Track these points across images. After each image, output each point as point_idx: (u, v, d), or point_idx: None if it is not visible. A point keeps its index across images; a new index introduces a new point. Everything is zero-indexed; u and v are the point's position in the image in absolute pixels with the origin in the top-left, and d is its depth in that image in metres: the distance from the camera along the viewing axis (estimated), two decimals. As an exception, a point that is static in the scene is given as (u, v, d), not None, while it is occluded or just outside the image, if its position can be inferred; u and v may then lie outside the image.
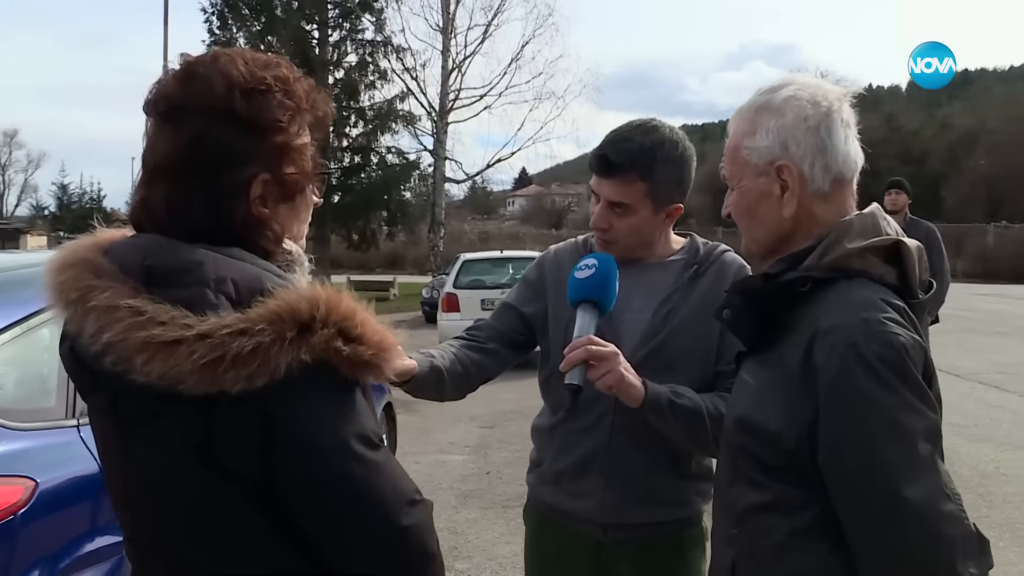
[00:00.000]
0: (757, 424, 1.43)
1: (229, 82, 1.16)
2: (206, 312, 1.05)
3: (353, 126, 31.58)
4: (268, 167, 1.19)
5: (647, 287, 2.09)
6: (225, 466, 1.09)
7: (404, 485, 1.16)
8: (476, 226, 54.98)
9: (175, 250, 1.13)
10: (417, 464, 7.06)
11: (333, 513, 1.11)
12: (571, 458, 2.10)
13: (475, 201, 65.96)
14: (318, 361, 1.07)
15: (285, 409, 1.07)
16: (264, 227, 1.21)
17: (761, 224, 1.53)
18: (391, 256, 44.81)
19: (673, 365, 2.01)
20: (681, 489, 2.10)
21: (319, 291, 1.10)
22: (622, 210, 2.02)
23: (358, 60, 31.19)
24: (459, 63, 31.13)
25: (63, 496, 2.39)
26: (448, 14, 30.47)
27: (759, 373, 1.48)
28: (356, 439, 1.10)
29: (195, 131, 1.15)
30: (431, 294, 19.72)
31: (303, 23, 30.40)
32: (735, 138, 1.54)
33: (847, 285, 1.39)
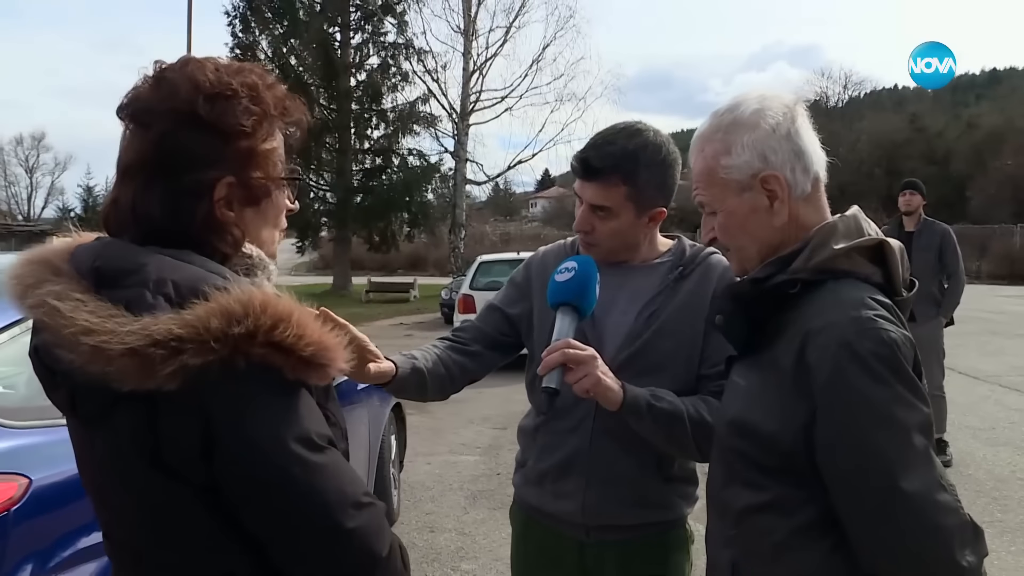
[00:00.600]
0: (751, 426, 1.45)
1: (195, 86, 1.19)
2: (142, 313, 1.07)
3: (375, 128, 31.84)
4: (232, 170, 1.21)
5: (632, 289, 2.09)
6: (171, 466, 1.11)
7: (350, 488, 1.15)
8: (498, 228, 55.03)
9: (123, 252, 1.16)
10: (428, 465, 7.09)
11: (274, 515, 1.12)
12: (553, 459, 2.10)
13: (497, 203, 66.12)
14: (256, 363, 1.08)
15: (223, 410, 1.08)
16: (224, 230, 1.22)
17: (754, 239, 1.53)
18: (412, 257, 44.96)
19: (656, 367, 2.00)
20: (664, 492, 2.09)
21: (253, 293, 1.11)
22: (604, 213, 2.01)
23: (380, 62, 31.49)
24: (480, 65, 31.16)
25: (57, 493, 2.41)
26: (469, 16, 30.49)
27: (750, 376, 1.50)
28: (296, 441, 1.11)
29: (160, 133, 1.18)
30: (450, 295, 19.75)
31: (325, 26, 30.68)
32: (707, 162, 1.53)
33: (835, 285, 1.41)
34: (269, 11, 30.19)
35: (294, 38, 30.17)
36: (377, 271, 37.16)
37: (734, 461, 1.50)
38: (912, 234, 6.86)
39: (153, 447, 1.10)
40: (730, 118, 1.52)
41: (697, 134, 1.57)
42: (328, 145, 30.87)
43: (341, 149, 31.05)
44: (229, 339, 1.06)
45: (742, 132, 1.50)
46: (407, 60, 31.21)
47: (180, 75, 1.21)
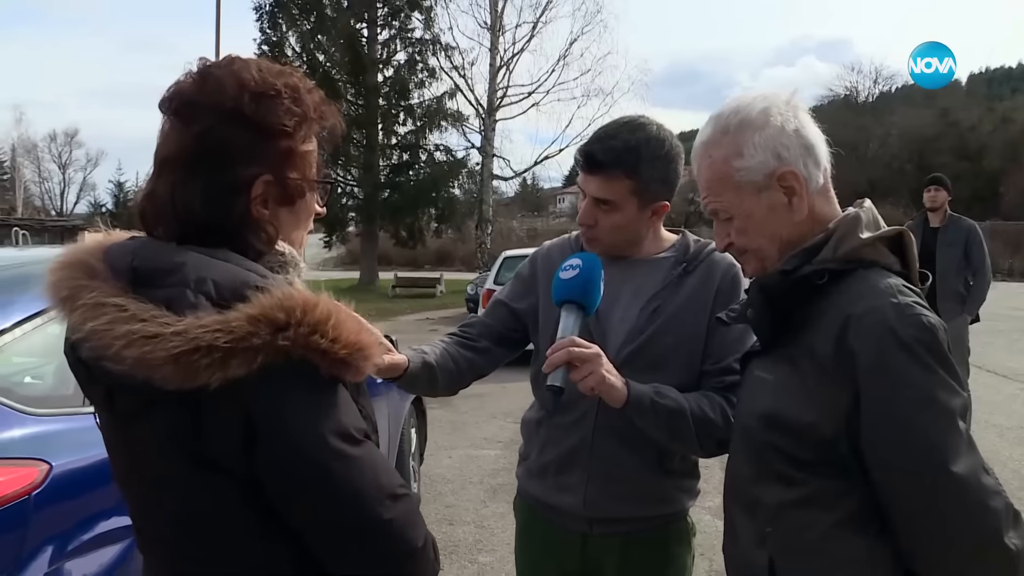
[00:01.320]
0: (786, 419, 1.44)
1: (240, 84, 1.22)
2: (184, 312, 1.09)
3: (402, 124, 31.95)
4: (271, 169, 1.24)
5: (635, 285, 2.09)
6: (214, 461, 1.14)
7: (385, 480, 1.18)
8: (525, 223, 54.95)
9: (160, 252, 1.19)
10: (449, 459, 7.13)
11: (314, 508, 1.15)
12: (555, 452, 2.12)
13: (525, 198, 66.03)
14: (296, 360, 1.11)
15: (264, 405, 1.11)
16: (260, 227, 1.25)
17: (775, 238, 1.53)
18: (440, 253, 45.05)
19: (659, 363, 2.01)
20: (666, 486, 2.10)
21: (296, 294, 1.14)
22: (607, 207, 2.02)
23: (407, 58, 31.53)
24: (507, 60, 31.11)
25: (77, 479, 2.47)
26: (496, 12, 30.44)
27: (778, 369, 1.49)
28: (334, 435, 1.14)
29: (203, 127, 1.21)
30: (476, 291, 19.77)
31: (352, 22, 30.80)
32: (718, 167, 1.52)
33: (866, 274, 1.43)
34: (296, 8, 30.38)
35: (321, 34, 30.33)
36: (404, 266, 37.25)
37: (767, 456, 1.49)
38: (937, 230, 6.80)
39: (194, 441, 1.13)
40: (736, 120, 1.51)
41: (699, 142, 1.56)
42: (355, 141, 30.96)
43: (368, 145, 31.15)
44: (275, 338, 1.09)
45: (752, 132, 1.49)
46: (434, 56, 31.28)
47: (226, 72, 1.23)
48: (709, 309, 2.04)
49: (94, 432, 2.50)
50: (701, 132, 1.57)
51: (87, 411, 2.58)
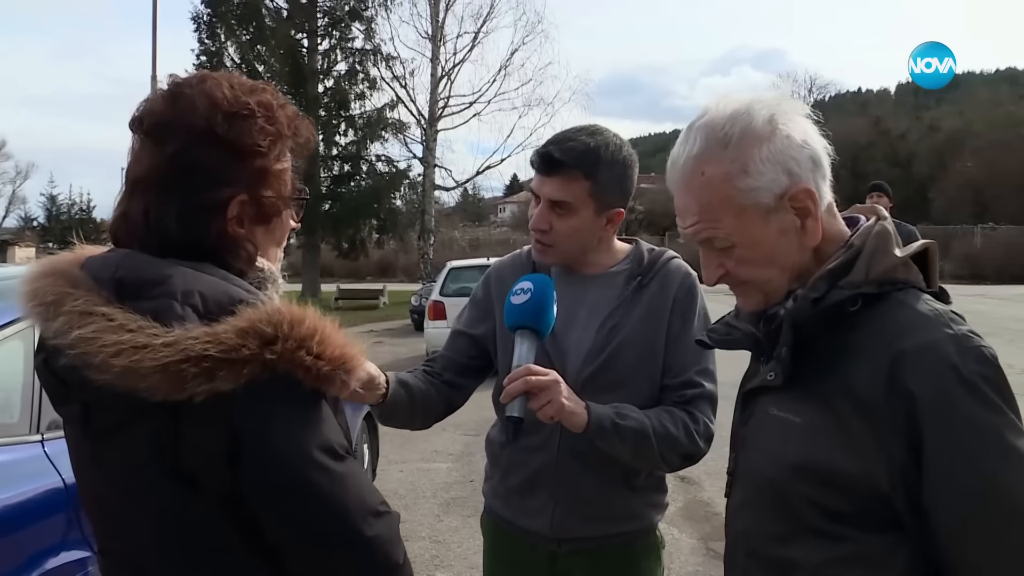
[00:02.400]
0: (828, 470, 1.23)
1: (213, 104, 1.20)
2: (172, 323, 1.08)
3: (343, 135, 31.72)
4: (246, 188, 1.23)
5: (590, 302, 2.05)
6: (194, 476, 1.12)
7: (369, 497, 1.18)
8: (467, 233, 54.94)
9: (145, 263, 1.17)
10: (400, 472, 7.06)
11: (298, 524, 1.13)
12: (519, 477, 2.08)
13: (466, 208, 66.00)
14: (281, 374, 1.10)
15: (249, 419, 1.10)
16: (238, 246, 1.24)
17: (783, 268, 1.32)
18: (382, 264, 44.79)
19: (620, 383, 1.97)
20: (632, 503, 2.08)
21: (284, 308, 1.13)
22: (564, 210, 1.96)
23: (348, 69, 31.38)
24: (448, 71, 31.16)
25: (25, 512, 2.38)
26: (437, 22, 30.48)
27: (807, 410, 1.27)
28: (319, 449, 1.13)
29: (176, 148, 1.19)
30: (419, 302, 19.69)
31: (293, 32, 30.54)
32: (718, 187, 1.28)
33: (902, 297, 1.26)
34: (235, 18, 29.94)
35: (261, 44, 29.96)
36: (346, 278, 36.94)
37: (803, 511, 1.27)
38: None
39: (173, 456, 1.11)
40: (737, 129, 1.27)
41: (687, 155, 1.31)
42: (296, 152, 30.58)
43: (309, 156, 30.65)
44: (263, 352, 1.09)
45: (758, 145, 1.27)
46: (375, 66, 31.21)
47: (198, 91, 1.21)
48: (666, 322, 2.01)
49: (42, 461, 2.45)
50: (686, 143, 1.31)
51: (34, 439, 2.52)
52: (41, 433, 2.54)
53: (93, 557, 2.44)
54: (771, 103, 1.30)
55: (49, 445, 2.52)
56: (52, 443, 2.52)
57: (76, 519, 2.45)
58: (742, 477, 1.44)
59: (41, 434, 2.54)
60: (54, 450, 2.50)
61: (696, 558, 5.15)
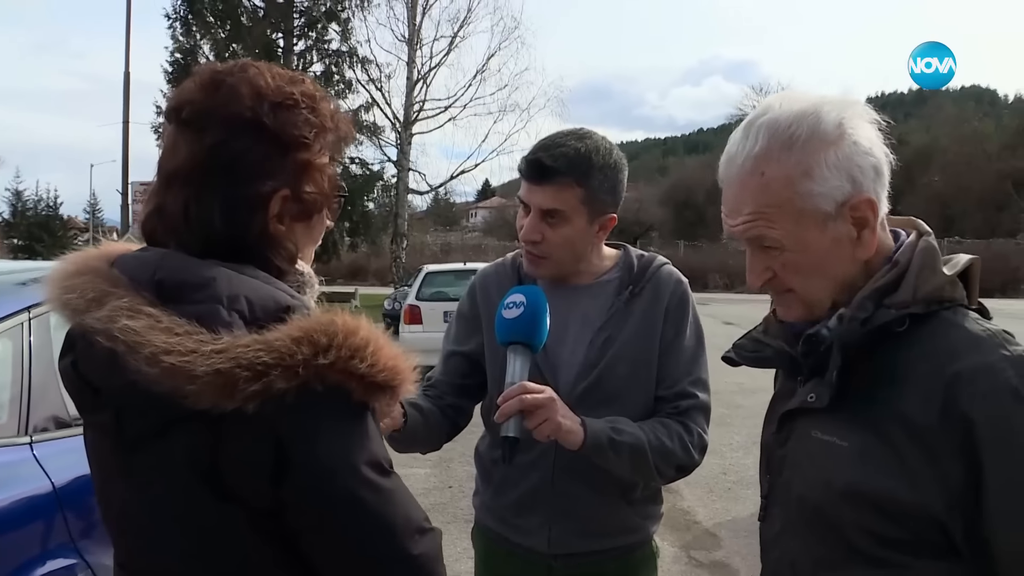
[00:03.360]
0: (877, 495, 1.19)
1: (258, 93, 1.15)
2: (218, 329, 1.03)
3: (317, 136, 31.41)
4: (288, 183, 1.18)
5: (581, 314, 2.01)
6: (232, 489, 1.07)
7: (414, 513, 1.14)
8: (439, 237, 54.97)
9: (186, 265, 1.11)
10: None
11: (343, 540, 1.09)
12: (514, 495, 2.03)
13: (438, 212, 65.93)
14: (332, 385, 1.06)
15: (297, 432, 1.05)
16: (279, 245, 1.19)
17: (833, 279, 1.27)
18: (353, 267, 44.60)
19: (614, 396, 1.94)
20: (629, 516, 2.05)
21: (335, 320, 1.08)
22: (556, 219, 1.91)
23: (323, 70, 31.08)
24: (424, 74, 31.01)
25: (12, 517, 2.30)
26: (414, 25, 30.35)
27: (854, 433, 1.22)
28: (368, 465, 1.08)
29: (218, 139, 1.13)
30: (393, 306, 19.58)
31: (269, 31, 30.26)
32: (778, 189, 1.22)
33: (951, 317, 1.22)
34: (211, 15, 29.64)
35: (236, 43, 29.59)
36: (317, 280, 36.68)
37: (853, 538, 1.23)
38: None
39: (212, 469, 1.06)
40: (804, 132, 1.21)
41: (747, 153, 1.25)
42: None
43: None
44: (312, 367, 1.04)
45: (825, 149, 1.21)
46: (351, 68, 30.99)
47: (240, 79, 1.16)
48: (659, 332, 1.98)
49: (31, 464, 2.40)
50: (746, 140, 1.26)
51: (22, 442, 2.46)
52: (30, 435, 2.47)
53: (82, 564, 2.40)
54: (840, 105, 1.25)
55: (38, 448, 2.45)
56: (41, 445, 2.45)
57: (65, 524, 2.39)
58: (782, 502, 1.38)
59: (30, 436, 2.47)
60: (43, 453, 2.44)
61: (678, 566, 5.16)
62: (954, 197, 45.14)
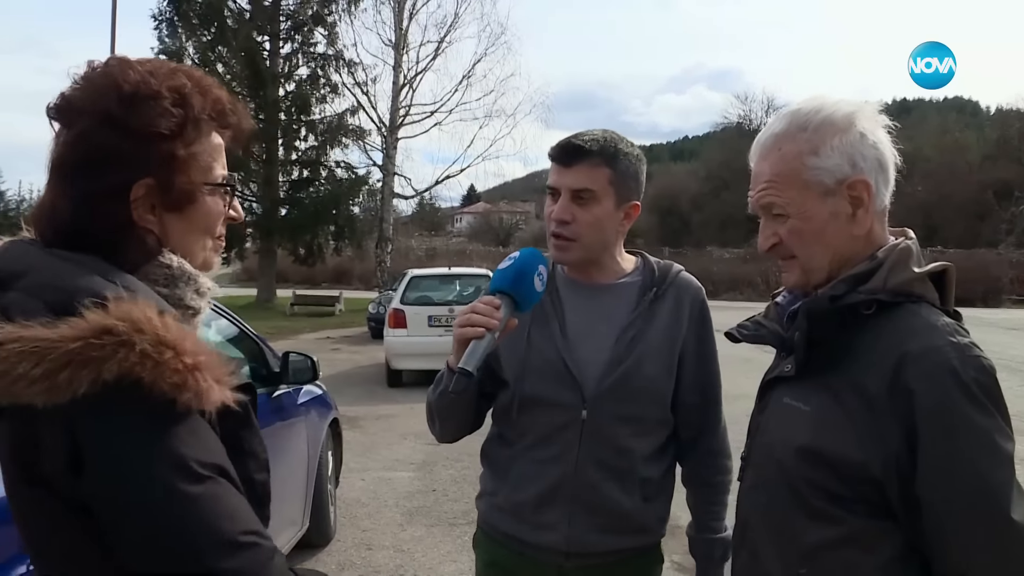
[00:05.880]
0: (829, 454, 1.37)
1: (114, 86, 1.16)
2: (16, 318, 1.01)
3: (303, 139, 31.42)
4: (151, 173, 1.18)
5: (606, 312, 2.04)
6: (47, 482, 1.04)
7: (227, 524, 1.03)
8: (424, 242, 54.83)
9: (19, 255, 1.13)
10: (362, 481, 7.02)
11: (140, 547, 1.02)
12: (534, 489, 2.01)
13: (423, 217, 65.79)
14: (129, 382, 1.01)
15: (90, 428, 1.01)
16: (140, 236, 1.19)
17: (828, 248, 1.46)
18: (338, 271, 44.46)
19: (639, 394, 1.98)
20: (646, 515, 2.05)
21: (133, 310, 1.04)
22: (586, 200, 1.96)
23: (309, 73, 31.13)
24: (410, 79, 30.98)
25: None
26: (401, 30, 30.32)
27: (816, 399, 1.41)
28: (167, 467, 1.01)
29: (78, 131, 1.16)
30: (377, 310, 19.60)
31: (254, 34, 30.18)
32: (788, 161, 1.44)
33: (915, 308, 1.39)
34: (196, 17, 29.52)
35: (222, 45, 29.54)
36: (301, 284, 36.65)
37: (804, 492, 1.40)
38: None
39: (30, 457, 1.04)
40: (819, 117, 1.44)
41: (770, 133, 1.48)
42: (255, 155, 30.33)
43: (268, 159, 30.45)
44: (100, 358, 1.00)
45: (833, 133, 1.43)
46: (337, 72, 30.92)
47: (103, 74, 1.18)
48: (682, 336, 2.03)
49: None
50: (772, 125, 1.50)
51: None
52: None
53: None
54: (856, 104, 1.47)
55: None
56: None
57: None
58: (753, 461, 1.58)
59: None
60: None
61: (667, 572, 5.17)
62: (936, 206, 45.35)
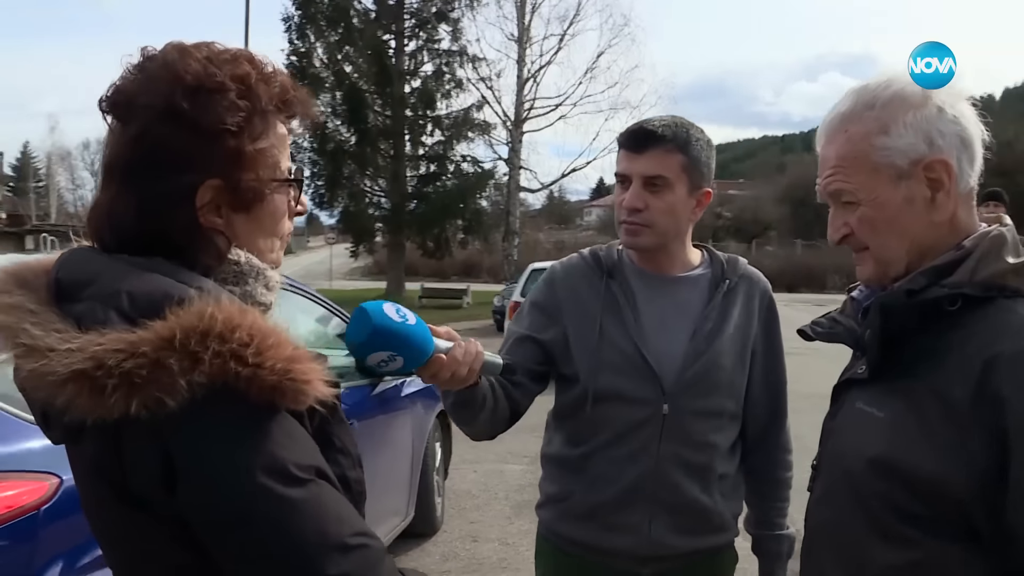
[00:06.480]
0: (903, 467, 1.20)
1: (174, 78, 1.06)
2: (91, 328, 0.95)
3: (429, 135, 31.98)
4: (218, 172, 1.09)
5: (679, 304, 1.99)
6: (138, 497, 0.99)
7: (334, 528, 0.99)
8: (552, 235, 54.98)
9: (84, 262, 1.07)
10: (474, 473, 7.03)
11: (245, 557, 0.98)
12: (612, 490, 1.93)
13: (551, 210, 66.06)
14: (219, 387, 0.95)
15: (182, 438, 0.95)
16: (209, 238, 1.10)
17: (904, 236, 1.29)
18: (467, 264, 45.08)
19: (717, 387, 1.94)
20: (723, 513, 2.00)
21: (217, 311, 0.98)
22: (658, 187, 1.90)
23: (434, 69, 31.57)
24: (534, 73, 31.23)
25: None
26: (523, 24, 30.55)
27: (891, 405, 1.25)
28: (265, 472, 0.96)
29: (139, 129, 1.07)
30: (502, 303, 19.72)
31: (380, 33, 30.92)
32: (855, 143, 1.29)
33: (1010, 304, 1.20)
34: (324, 19, 30.45)
35: (349, 45, 30.42)
36: (430, 277, 37.29)
37: (875, 508, 1.24)
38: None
39: (119, 476, 0.99)
40: (888, 93, 1.28)
41: (835, 114, 1.33)
42: (382, 151, 31.13)
43: (395, 155, 31.23)
44: (185, 362, 0.94)
45: (905, 109, 1.27)
46: (461, 67, 31.34)
47: (160, 64, 1.08)
48: (753, 331, 2.01)
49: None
50: (839, 104, 1.34)
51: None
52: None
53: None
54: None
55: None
56: None
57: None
58: (824, 471, 1.42)
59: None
60: None
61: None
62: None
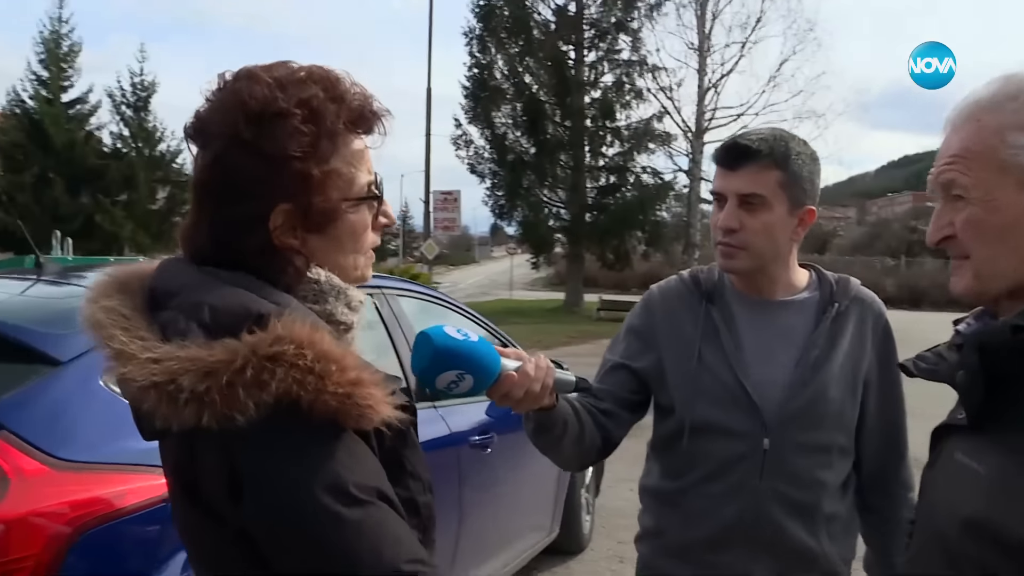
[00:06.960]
0: (1006, 533, 1.07)
1: (240, 104, 1.09)
2: (173, 338, 0.99)
3: (609, 146, 31.90)
4: (288, 197, 1.11)
5: (783, 330, 1.86)
6: (208, 504, 1.04)
7: (389, 551, 0.99)
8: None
9: (175, 272, 1.12)
10: (630, 491, 6.69)
11: (300, 572, 1.00)
12: (707, 528, 1.82)
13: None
14: (287, 402, 0.97)
15: (247, 452, 0.98)
16: (286, 258, 1.13)
17: (1016, 252, 1.14)
18: (647, 276, 44.11)
19: (823, 419, 1.81)
20: (831, 556, 1.83)
21: (289, 331, 0.99)
22: (755, 205, 1.78)
23: (614, 80, 31.52)
24: (715, 82, 30.59)
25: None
26: (704, 32, 30.01)
27: (994, 459, 1.11)
28: (326, 491, 0.97)
29: (212, 156, 1.11)
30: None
31: (560, 44, 31.18)
32: (982, 135, 1.14)
33: None
34: (505, 31, 31.01)
35: (529, 56, 30.87)
36: (611, 289, 37.13)
37: (968, 572, 1.11)
38: None
39: (192, 483, 1.05)
40: None
41: (970, 100, 1.17)
42: (562, 162, 31.33)
43: (575, 166, 31.35)
44: (252, 387, 0.95)
45: None
46: (641, 77, 31.10)
47: (230, 91, 1.12)
48: (867, 359, 1.86)
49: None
50: (978, 91, 1.18)
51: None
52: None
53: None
54: None
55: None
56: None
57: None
58: (920, 527, 1.27)
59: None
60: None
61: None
62: None
